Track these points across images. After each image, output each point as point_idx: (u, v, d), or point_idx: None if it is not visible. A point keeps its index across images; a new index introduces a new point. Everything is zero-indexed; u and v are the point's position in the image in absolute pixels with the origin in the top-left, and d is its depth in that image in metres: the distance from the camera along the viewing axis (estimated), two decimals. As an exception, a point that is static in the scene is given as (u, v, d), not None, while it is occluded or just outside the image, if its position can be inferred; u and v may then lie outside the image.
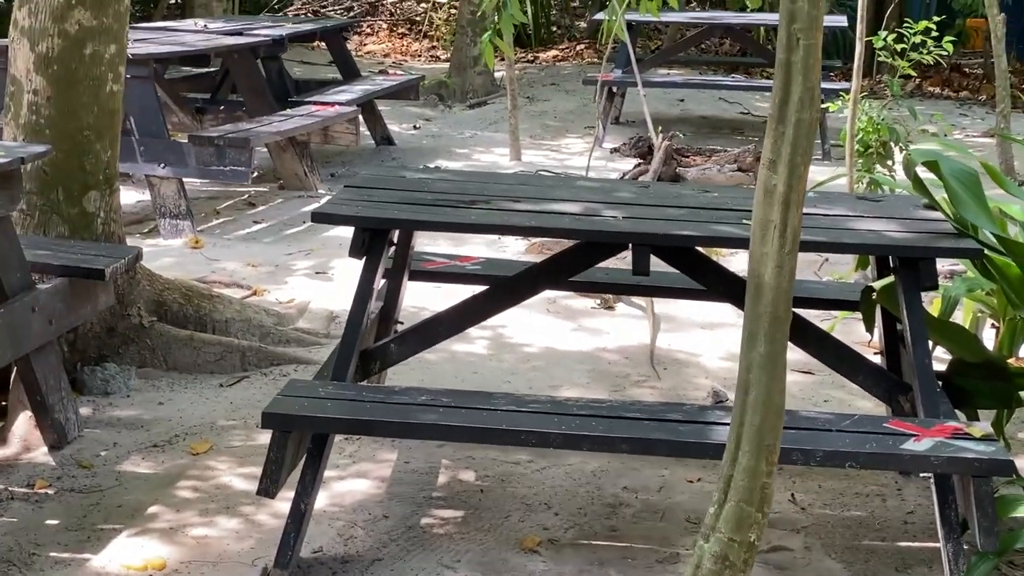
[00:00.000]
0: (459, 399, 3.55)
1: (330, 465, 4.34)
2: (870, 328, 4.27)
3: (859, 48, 6.28)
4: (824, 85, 10.47)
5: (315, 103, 8.79)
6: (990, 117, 12.44)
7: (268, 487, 3.45)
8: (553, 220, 3.83)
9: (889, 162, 6.81)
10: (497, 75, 13.13)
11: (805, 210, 4.09)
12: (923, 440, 3.36)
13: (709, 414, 3.49)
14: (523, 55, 15.17)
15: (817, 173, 9.69)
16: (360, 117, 9.33)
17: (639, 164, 7.86)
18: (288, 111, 8.54)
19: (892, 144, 6.73)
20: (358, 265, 6.97)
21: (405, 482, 4.46)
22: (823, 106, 9.93)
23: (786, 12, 2.50)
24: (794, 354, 5.86)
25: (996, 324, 4.88)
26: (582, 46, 16.37)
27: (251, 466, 4.56)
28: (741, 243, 3.95)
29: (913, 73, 6.76)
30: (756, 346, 2.52)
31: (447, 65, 15.56)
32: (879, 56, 6.84)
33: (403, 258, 4.44)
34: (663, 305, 6.31)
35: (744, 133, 11.39)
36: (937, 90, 13.41)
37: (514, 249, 7.11)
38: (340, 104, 8.77)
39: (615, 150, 8.10)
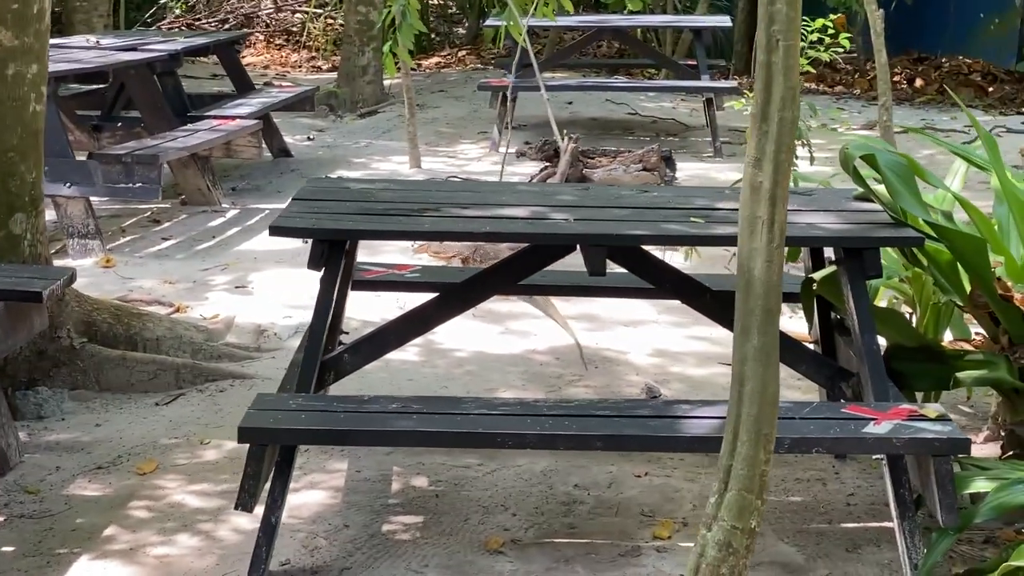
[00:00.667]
0: (429, 405, 3.59)
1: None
2: (810, 318, 4.39)
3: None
4: (711, 84, 10.68)
5: (215, 117, 8.73)
6: (867, 110, 12.78)
7: (246, 501, 3.46)
8: (507, 225, 3.88)
9: (793, 156, 6.95)
10: (385, 83, 13.14)
11: (738, 207, 4.22)
12: (882, 423, 3.47)
13: (676, 408, 3.57)
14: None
15: (711, 170, 9.93)
16: (258, 130, 9.30)
17: (546, 167, 7.94)
18: (189, 126, 8.48)
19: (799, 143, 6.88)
20: (276, 278, 7.06)
21: (359, 491, 4.48)
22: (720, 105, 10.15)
23: (765, 15, 2.59)
24: (718, 348, 6.03)
25: (911, 311, 5.05)
26: (463, 52, 16.45)
27: (202, 483, 4.55)
28: (695, 240, 4.07)
29: (812, 70, 6.92)
30: (750, 339, 2.60)
31: (330, 75, 15.54)
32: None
33: (347, 268, 4.46)
34: (584, 304, 6.40)
35: (634, 133, 11.55)
36: (812, 86, 13.72)
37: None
38: (241, 117, 8.72)
39: (521, 154, 8.18)
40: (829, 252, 4.37)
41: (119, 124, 9.03)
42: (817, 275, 4.33)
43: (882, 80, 9.50)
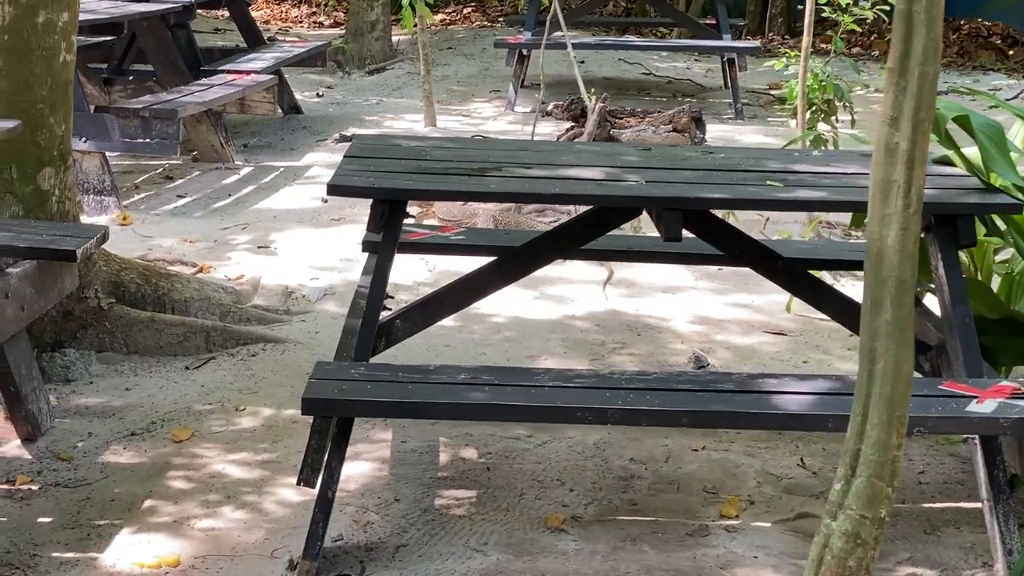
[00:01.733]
0: (500, 376, 3.40)
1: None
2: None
3: (810, 2, 6.22)
4: (734, 44, 10.46)
5: (230, 72, 8.49)
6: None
7: (309, 476, 3.27)
8: (576, 186, 3.68)
9: (833, 119, 6.76)
10: (394, 39, 12.90)
11: (818, 169, 4.03)
12: (985, 402, 3.29)
13: (762, 383, 3.38)
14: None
15: (734, 132, 9.71)
16: (270, 85, 9.05)
17: (573, 127, 7.73)
18: (203, 81, 8.25)
19: (836, 101, 6.69)
20: (299, 238, 6.85)
21: (407, 462, 4.30)
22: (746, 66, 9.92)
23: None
24: (761, 316, 5.86)
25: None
26: (468, 9, 16.19)
27: (241, 451, 4.37)
28: (778, 205, 3.88)
29: (858, 28, 6.72)
30: (882, 312, 2.41)
31: (333, 31, 15.28)
32: (824, 11, 6.78)
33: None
34: (621, 270, 6.22)
35: (650, 93, 11.33)
36: (827, 47, 13.49)
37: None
38: (256, 72, 8.49)
39: (546, 113, 7.97)
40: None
41: (131, 77, 8.78)
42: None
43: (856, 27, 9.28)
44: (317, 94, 11.08)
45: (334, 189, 3.57)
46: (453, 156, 4.05)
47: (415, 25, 8.79)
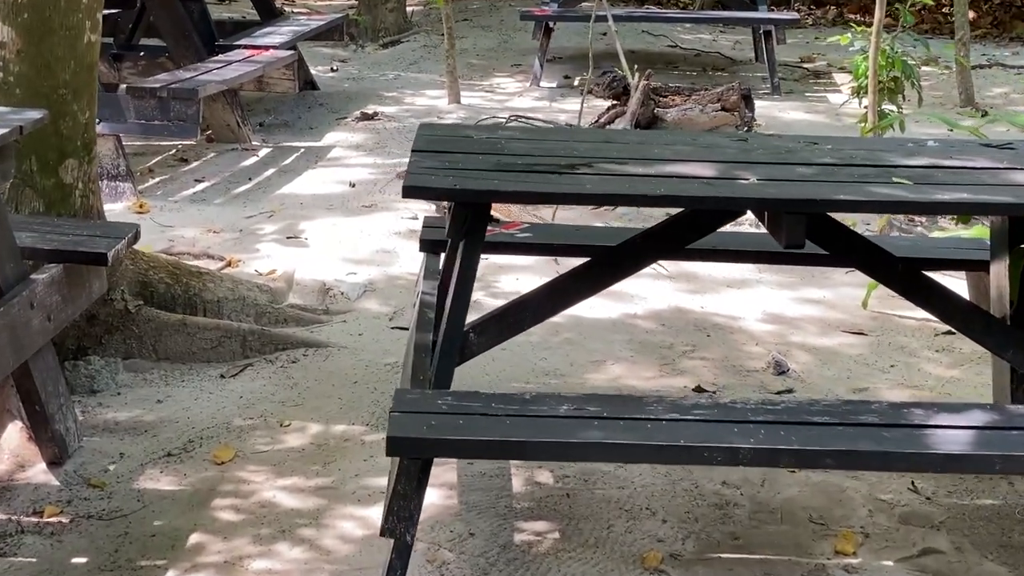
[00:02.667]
0: (608, 407, 2.96)
1: (385, 468, 3.73)
2: (1016, 292, 3.77)
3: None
4: (771, 16, 10.02)
5: (247, 47, 8.03)
6: (919, 44, 12.11)
7: (396, 527, 2.84)
8: (683, 186, 3.24)
9: (899, 97, 6.33)
10: (408, 10, 12.43)
11: (944, 163, 3.59)
12: None
13: (909, 414, 2.95)
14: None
15: (772, 109, 9.25)
16: (287, 61, 8.59)
17: (614, 105, 7.28)
18: (220, 57, 7.79)
19: (903, 79, 6.25)
20: (330, 228, 6.38)
21: (476, 488, 3.87)
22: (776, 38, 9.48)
23: None
24: (836, 313, 5.43)
25: None
26: (481, -22, 15.67)
27: (291, 475, 3.95)
28: (917, 208, 3.45)
29: (930, 2, 6.28)
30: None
31: (340, 1, 14.78)
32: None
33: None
34: (684, 262, 5.78)
35: (679, 67, 10.88)
36: (858, 17, 13.06)
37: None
38: (274, 48, 8.02)
39: (588, 91, 7.53)
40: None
41: (141, 53, 8.31)
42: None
43: (959, 12, 8.87)
44: (332, 68, 10.61)
45: (412, 191, 3.12)
46: (533, 149, 3.61)
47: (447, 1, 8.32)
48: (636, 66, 7.66)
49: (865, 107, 6.32)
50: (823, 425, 2.89)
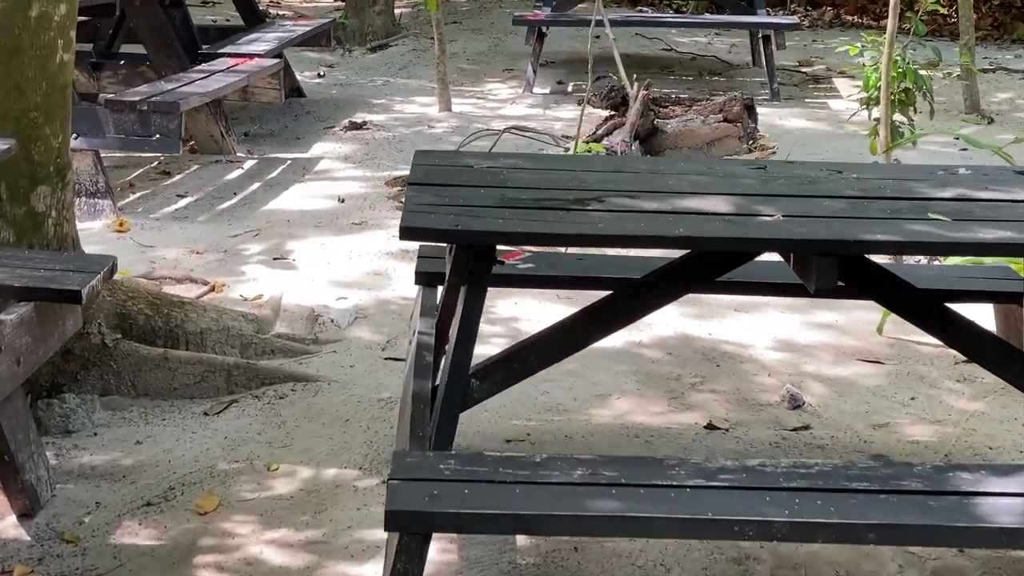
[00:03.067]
0: (625, 471, 2.70)
1: (380, 518, 3.46)
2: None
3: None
4: (771, 20, 9.77)
5: (231, 55, 7.76)
6: (922, 48, 11.84)
7: (397, 606, 2.57)
8: (705, 225, 2.99)
9: (910, 110, 6.08)
10: (396, 12, 12.16)
11: (979, 195, 3.34)
12: None
13: (956, 479, 2.70)
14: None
15: (772, 116, 8.98)
16: (273, 68, 8.31)
17: (612, 116, 7.03)
18: (203, 66, 7.51)
19: (915, 91, 6.00)
20: (318, 248, 6.11)
21: (477, 541, 3.61)
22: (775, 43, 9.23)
23: None
24: (849, 339, 5.19)
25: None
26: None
27: (279, 527, 3.68)
28: (961, 249, 3.19)
29: (942, 9, 6.04)
30: None
31: (326, 2, 14.53)
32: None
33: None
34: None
35: (674, 71, 10.63)
36: (855, 19, 12.82)
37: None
38: (260, 56, 7.75)
39: (584, 100, 7.27)
40: None
41: (121, 62, 8.02)
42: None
43: (963, 16, 8.63)
44: (318, 74, 10.35)
45: (410, 233, 2.87)
46: (538, 181, 3.35)
47: (437, 6, 8.06)
48: (634, 74, 7.40)
49: (875, 120, 6.07)
50: (863, 492, 2.63)
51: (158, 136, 6.27)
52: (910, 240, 2.91)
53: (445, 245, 3.59)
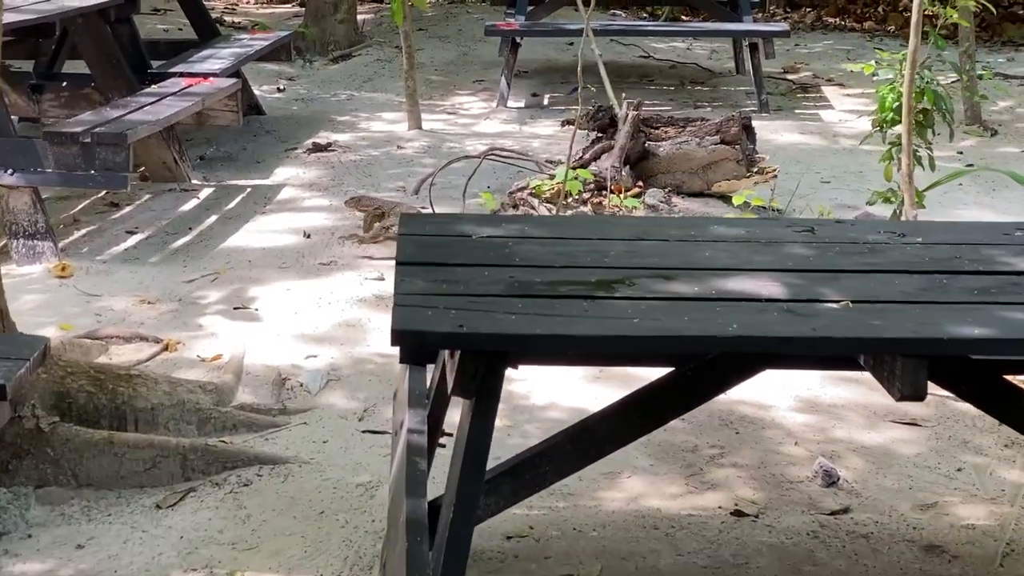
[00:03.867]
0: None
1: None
2: None
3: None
4: (760, 27, 9.25)
5: (183, 75, 7.17)
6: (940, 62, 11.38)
7: None
8: (762, 322, 2.44)
9: (929, 132, 5.55)
10: (359, 19, 11.59)
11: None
12: None
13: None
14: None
15: (763, 130, 8.40)
16: (229, 87, 7.71)
17: (599, 138, 6.48)
18: (153, 88, 6.91)
19: (934, 112, 5.48)
20: (283, 294, 5.50)
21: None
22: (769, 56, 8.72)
23: None
24: (879, 396, 4.66)
25: None
26: (433, -15, 14.85)
27: (246, 660, 3.12)
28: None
29: (966, 24, 5.51)
30: None
31: (285, 9, 13.97)
32: None
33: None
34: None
35: (654, 80, 10.10)
36: (837, 21, 12.33)
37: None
38: (215, 75, 7.16)
39: (567, 122, 6.73)
40: None
41: (64, 84, 7.41)
42: None
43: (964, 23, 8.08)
44: (278, 88, 9.77)
45: (403, 337, 2.31)
46: (552, 257, 2.80)
47: (404, 17, 7.49)
48: (610, 83, 6.87)
49: (891, 143, 5.56)
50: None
51: (104, 171, 5.68)
52: (1012, 337, 2.37)
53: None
